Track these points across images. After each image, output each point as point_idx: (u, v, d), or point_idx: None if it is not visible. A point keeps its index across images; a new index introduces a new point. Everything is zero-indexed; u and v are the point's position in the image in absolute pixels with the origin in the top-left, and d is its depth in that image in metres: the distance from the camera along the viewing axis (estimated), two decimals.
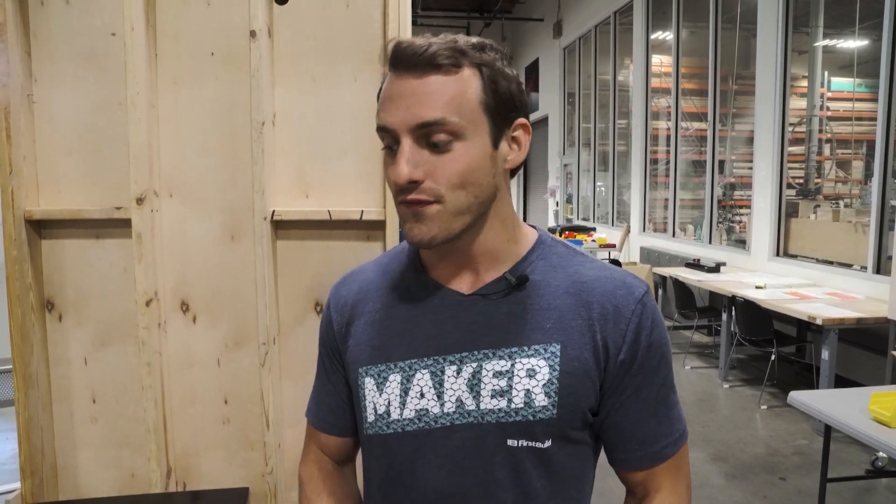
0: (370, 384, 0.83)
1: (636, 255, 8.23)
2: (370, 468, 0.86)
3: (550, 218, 12.11)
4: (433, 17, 12.22)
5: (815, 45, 5.84)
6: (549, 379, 0.75)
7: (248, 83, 1.47)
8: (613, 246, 8.16)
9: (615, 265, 0.85)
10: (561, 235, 7.72)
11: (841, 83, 6.08)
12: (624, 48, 9.16)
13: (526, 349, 0.77)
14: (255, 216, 1.50)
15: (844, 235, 5.03)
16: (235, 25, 1.49)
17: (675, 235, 7.66)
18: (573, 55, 11.10)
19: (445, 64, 0.71)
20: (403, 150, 0.72)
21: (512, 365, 0.76)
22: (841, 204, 5.54)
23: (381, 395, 0.82)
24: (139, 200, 1.46)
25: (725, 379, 4.96)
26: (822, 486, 2.59)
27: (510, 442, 0.76)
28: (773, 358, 4.45)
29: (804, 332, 4.88)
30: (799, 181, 5.88)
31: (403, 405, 0.80)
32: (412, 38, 0.73)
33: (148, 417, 1.50)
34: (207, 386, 1.58)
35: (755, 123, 5.88)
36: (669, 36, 7.77)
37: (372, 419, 0.83)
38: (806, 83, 5.94)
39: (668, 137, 7.87)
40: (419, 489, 0.79)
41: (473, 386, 0.77)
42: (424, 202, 0.73)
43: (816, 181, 5.93)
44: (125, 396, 1.56)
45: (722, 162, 6.86)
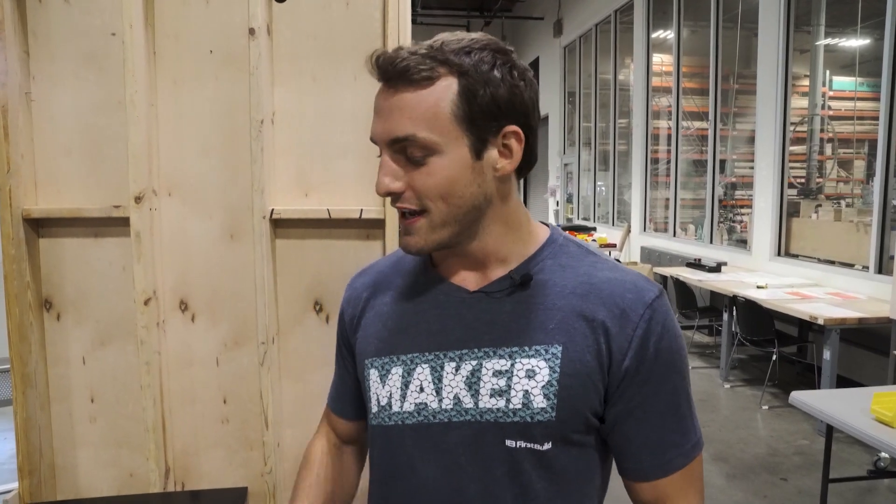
0: (375, 376, 0.84)
1: (637, 254, 8.23)
2: (374, 458, 0.87)
3: (551, 218, 12.11)
4: (433, 16, 12.22)
5: (816, 43, 5.83)
6: (548, 381, 0.74)
7: (247, 82, 1.47)
8: (614, 246, 8.16)
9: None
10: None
11: (842, 82, 6.07)
12: (625, 47, 9.15)
13: (527, 349, 0.76)
14: (254, 215, 1.49)
15: (846, 235, 5.02)
16: (235, 24, 1.48)
17: (675, 235, 7.65)
18: (574, 54, 11.09)
19: (417, 78, 0.70)
20: (383, 162, 0.74)
21: (512, 365, 0.76)
22: (843, 203, 5.53)
23: (384, 386, 0.82)
24: (138, 199, 1.45)
25: (726, 379, 4.96)
26: (823, 486, 2.58)
27: (508, 442, 0.75)
28: (774, 358, 4.44)
29: (805, 332, 4.87)
30: (800, 181, 5.87)
31: (404, 398, 0.80)
32: (398, 47, 0.72)
33: (147, 417, 1.49)
34: (206, 385, 1.58)
35: (756, 123, 5.87)
36: (670, 35, 7.76)
37: (375, 410, 0.84)
38: (807, 82, 5.93)
39: (668, 137, 7.86)
40: (418, 482, 0.79)
41: (472, 384, 0.77)
42: (410, 211, 0.75)
43: (818, 181, 5.92)
44: (124, 396, 1.56)
45: (723, 161, 6.85)
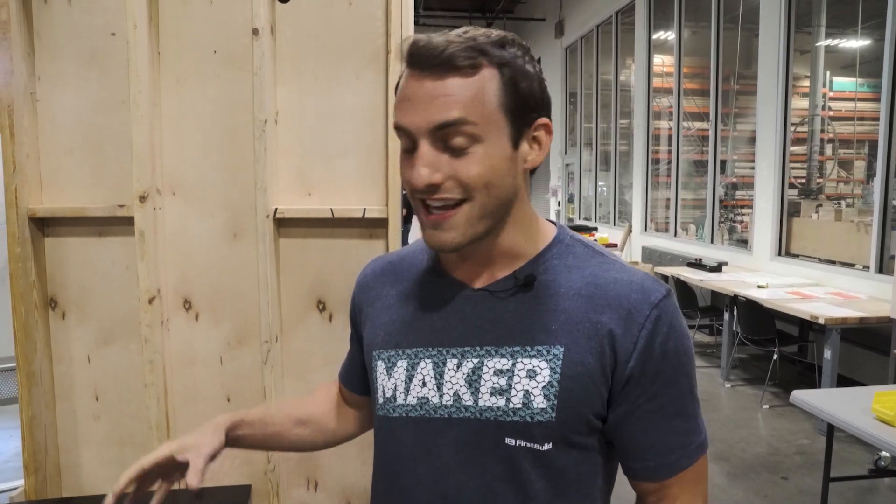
0: (381, 367, 0.85)
1: (638, 254, 8.23)
2: (378, 449, 0.87)
3: (552, 218, 12.10)
4: (435, 16, 12.23)
5: (817, 44, 5.84)
6: (549, 381, 0.74)
7: (250, 82, 1.48)
8: (615, 246, 8.16)
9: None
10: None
11: (843, 83, 6.07)
12: (626, 48, 9.15)
13: (528, 349, 0.75)
14: (257, 214, 1.50)
15: (847, 235, 5.02)
16: (238, 24, 1.49)
17: (676, 235, 7.65)
18: (575, 55, 11.10)
19: (463, 66, 0.69)
20: (422, 153, 0.70)
21: (513, 364, 0.76)
22: (843, 204, 5.53)
23: (389, 379, 0.83)
24: (142, 198, 1.46)
25: (727, 378, 4.96)
26: (824, 485, 2.58)
27: (508, 440, 0.76)
28: (775, 357, 4.44)
29: (806, 331, 4.87)
30: (801, 181, 5.87)
31: (407, 391, 0.81)
32: (429, 35, 0.70)
33: (150, 415, 1.50)
34: (210, 384, 1.58)
35: (757, 123, 5.87)
36: (671, 36, 7.76)
37: (381, 401, 0.85)
38: (808, 83, 5.93)
39: (669, 137, 7.86)
40: (419, 475, 0.80)
41: (472, 382, 0.77)
42: (444, 205, 0.72)
43: (818, 181, 5.93)
44: (128, 394, 1.57)
45: (724, 162, 6.85)
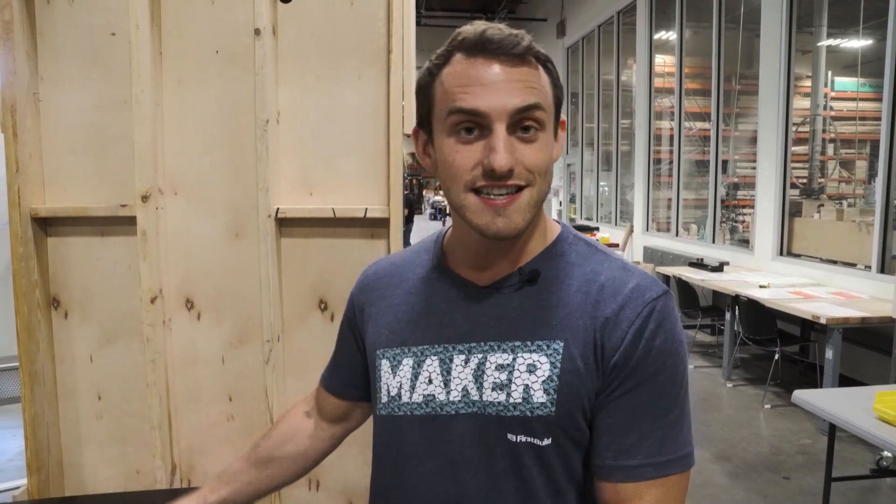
0: (386, 366, 0.85)
1: (639, 254, 8.22)
2: (381, 447, 0.87)
3: (554, 218, 12.10)
4: (436, 16, 12.23)
5: (818, 44, 5.83)
6: (548, 376, 0.75)
7: (252, 81, 1.48)
8: (617, 245, 8.16)
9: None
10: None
11: (845, 83, 6.08)
12: (627, 48, 9.15)
13: (529, 344, 0.76)
14: (259, 214, 1.50)
15: (848, 235, 5.02)
16: (240, 24, 1.50)
17: (678, 235, 7.65)
18: (576, 55, 11.09)
19: (533, 59, 0.73)
20: (503, 136, 0.70)
21: (514, 359, 0.76)
22: (844, 203, 5.53)
23: (394, 377, 0.83)
24: (144, 198, 1.47)
25: (729, 378, 4.96)
26: (826, 485, 2.58)
27: (510, 436, 0.76)
28: (776, 357, 4.44)
29: (808, 331, 4.87)
30: (802, 181, 5.87)
31: (413, 389, 0.81)
32: (490, 24, 0.74)
33: (153, 414, 1.50)
34: (212, 383, 1.59)
35: (759, 123, 5.86)
36: (673, 36, 7.76)
37: (385, 400, 0.85)
38: (809, 83, 5.93)
39: (671, 137, 7.86)
40: (423, 473, 0.80)
41: (478, 377, 0.78)
42: (509, 191, 0.72)
43: (820, 181, 5.92)
44: (130, 393, 1.57)
45: (725, 162, 6.85)
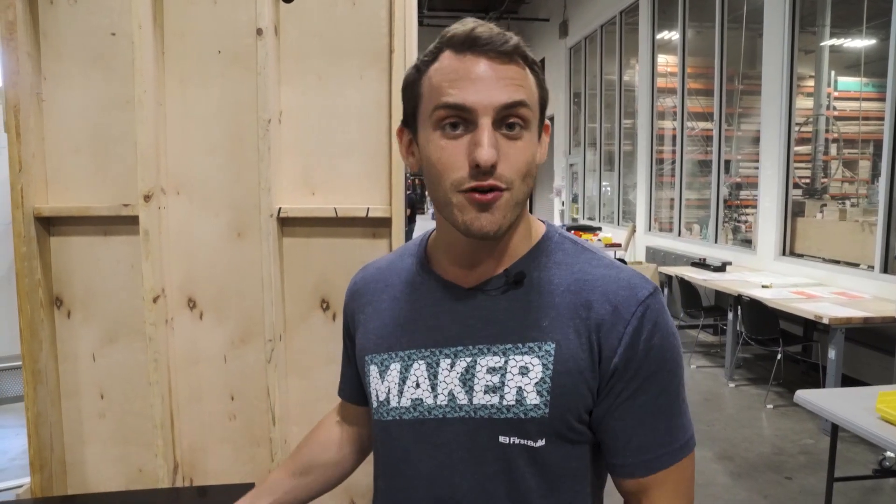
0: (374, 371, 0.85)
1: (642, 254, 8.22)
2: (376, 452, 0.88)
3: (556, 217, 12.11)
4: (438, 17, 12.23)
5: (821, 44, 5.82)
6: (541, 378, 0.75)
7: (254, 81, 1.48)
8: (619, 245, 8.16)
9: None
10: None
11: (848, 83, 6.06)
12: (630, 48, 9.14)
13: (520, 346, 0.76)
14: (261, 213, 1.51)
15: (851, 235, 5.01)
16: (242, 24, 1.50)
17: (680, 235, 7.64)
18: (579, 55, 11.09)
19: (520, 58, 0.74)
20: (489, 131, 0.70)
21: (506, 362, 0.76)
22: (847, 203, 5.51)
23: (382, 382, 0.84)
24: (146, 198, 1.47)
25: (731, 378, 4.95)
26: (828, 485, 2.58)
27: (501, 438, 0.76)
28: (779, 357, 4.43)
29: (811, 331, 4.86)
30: (805, 181, 5.86)
31: (401, 394, 0.81)
32: (479, 22, 0.74)
33: (155, 413, 1.51)
34: (214, 382, 1.59)
35: (761, 123, 5.86)
36: (675, 36, 7.75)
37: (375, 405, 0.85)
38: (812, 83, 5.91)
39: (673, 137, 7.85)
40: (415, 477, 0.80)
41: (466, 380, 0.78)
42: (496, 189, 0.72)
43: (823, 181, 5.91)
44: (132, 392, 1.58)
45: (728, 162, 6.84)
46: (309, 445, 1.03)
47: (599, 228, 8.65)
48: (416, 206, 9.72)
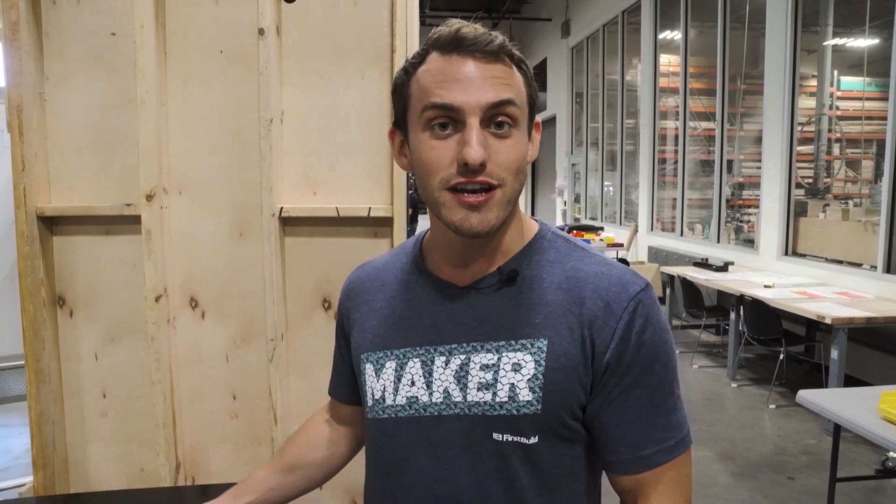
0: (370, 370, 0.85)
1: (644, 254, 8.21)
2: (370, 451, 0.88)
3: (559, 217, 12.10)
4: (441, 16, 12.22)
5: (824, 43, 5.81)
6: (533, 374, 0.75)
7: (256, 81, 1.49)
8: (621, 245, 8.14)
9: (622, 264, 0.83)
10: (569, 234, 7.72)
11: (851, 82, 6.04)
12: (632, 48, 9.13)
13: (513, 343, 0.77)
14: (263, 213, 1.51)
15: (854, 234, 5.00)
16: (244, 24, 1.50)
17: (683, 235, 7.63)
18: (581, 55, 11.08)
19: (506, 58, 0.74)
20: (476, 130, 0.71)
21: (498, 358, 0.77)
22: (850, 203, 5.50)
23: (378, 380, 0.84)
24: (149, 197, 1.47)
25: (733, 378, 4.94)
26: (831, 485, 2.57)
27: (495, 435, 0.76)
28: (781, 357, 4.43)
29: (813, 331, 4.85)
30: (808, 180, 5.85)
31: (396, 392, 0.82)
32: (465, 23, 0.75)
33: (157, 412, 1.51)
34: (216, 382, 1.59)
35: (764, 123, 5.85)
36: (677, 35, 7.74)
37: (370, 404, 0.85)
38: (815, 82, 5.90)
39: (676, 137, 7.84)
40: (411, 475, 0.80)
41: (461, 378, 0.78)
42: (487, 187, 0.72)
43: (826, 180, 5.90)
44: (134, 392, 1.58)
45: (730, 161, 6.83)
46: (297, 444, 1.02)
47: (601, 228, 8.65)
48: (417, 205, 9.69)
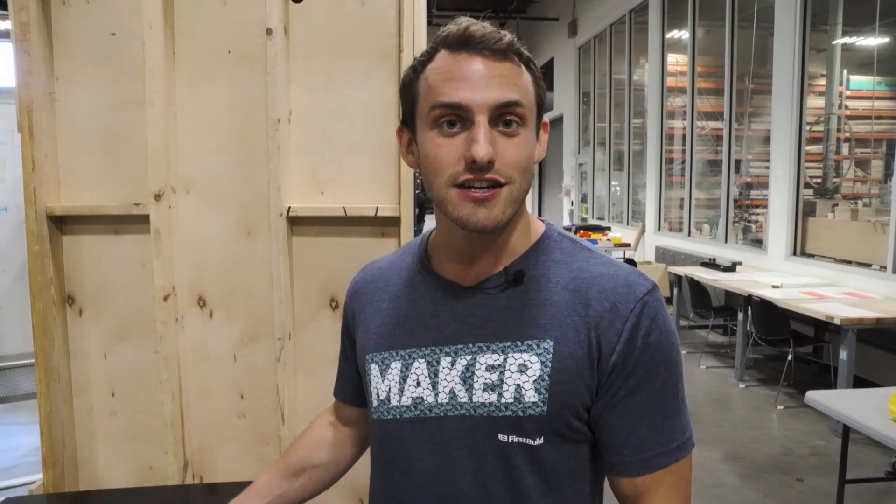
0: (375, 370, 0.85)
1: (651, 254, 8.19)
2: (374, 451, 0.88)
3: (565, 217, 12.08)
4: (448, 16, 12.19)
5: (833, 42, 5.78)
6: (539, 375, 0.75)
7: (263, 81, 1.49)
8: (628, 245, 8.13)
9: (629, 264, 0.83)
10: (576, 234, 7.71)
11: (860, 81, 6.01)
12: (639, 47, 9.10)
13: (519, 344, 0.76)
14: (270, 212, 1.51)
15: (863, 235, 4.97)
16: (251, 24, 1.51)
17: (690, 235, 7.61)
18: (588, 54, 11.06)
19: (515, 56, 0.74)
20: (484, 129, 0.71)
21: (504, 359, 0.76)
22: (859, 203, 5.47)
23: (383, 381, 0.84)
24: (157, 197, 1.48)
25: (741, 379, 4.92)
26: (839, 487, 2.56)
27: (500, 437, 0.76)
28: (789, 358, 4.41)
29: (822, 332, 4.83)
30: (816, 180, 5.82)
31: (402, 392, 0.82)
32: (475, 21, 0.75)
33: (165, 411, 1.52)
34: (223, 380, 1.60)
35: (772, 122, 5.82)
36: (685, 34, 7.71)
37: (375, 404, 0.85)
38: (824, 81, 5.87)
39: (683, 137, 7.81)
40: (415, 475, 0.80)
41: (466, 378, 0.78)
42: (495, 184, 0.72)
43: (834, 180, 5.87)
44: (143, 390, 1.59)
45: (738, 161, 6.80)
46: (301, 447, 1.02)
47: (608, 228, 8.63)
48: (424, 205, 9.70)
